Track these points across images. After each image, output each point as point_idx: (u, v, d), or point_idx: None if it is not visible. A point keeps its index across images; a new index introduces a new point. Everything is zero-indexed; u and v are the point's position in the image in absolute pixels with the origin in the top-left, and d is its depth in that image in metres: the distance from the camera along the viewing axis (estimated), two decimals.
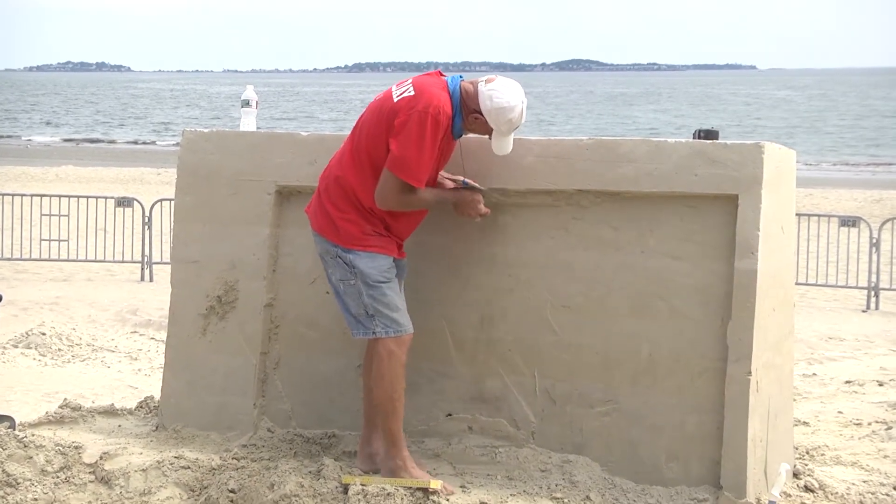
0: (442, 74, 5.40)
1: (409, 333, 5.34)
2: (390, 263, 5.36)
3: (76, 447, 5.73)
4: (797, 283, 11.42)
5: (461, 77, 5.37)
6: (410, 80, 5.32)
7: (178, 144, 6.63)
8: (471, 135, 5.45)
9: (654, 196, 5.43)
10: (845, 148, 52.34)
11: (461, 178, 5.54)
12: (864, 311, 15.03)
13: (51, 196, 18.09)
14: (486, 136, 5.38)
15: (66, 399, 6.98)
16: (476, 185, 5.51)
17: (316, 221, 5.43)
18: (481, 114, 5.26)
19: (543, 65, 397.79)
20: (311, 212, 5.51)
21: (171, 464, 5.56)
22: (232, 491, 5.25)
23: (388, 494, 5.05)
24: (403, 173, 5.18)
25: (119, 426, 6.42)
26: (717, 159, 5.33)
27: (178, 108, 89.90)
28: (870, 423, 7.46)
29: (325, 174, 5.48)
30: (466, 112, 5.29)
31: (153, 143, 54.72)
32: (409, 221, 5.46)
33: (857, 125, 67.02)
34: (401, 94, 5.23)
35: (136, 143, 54.58)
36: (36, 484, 5.45)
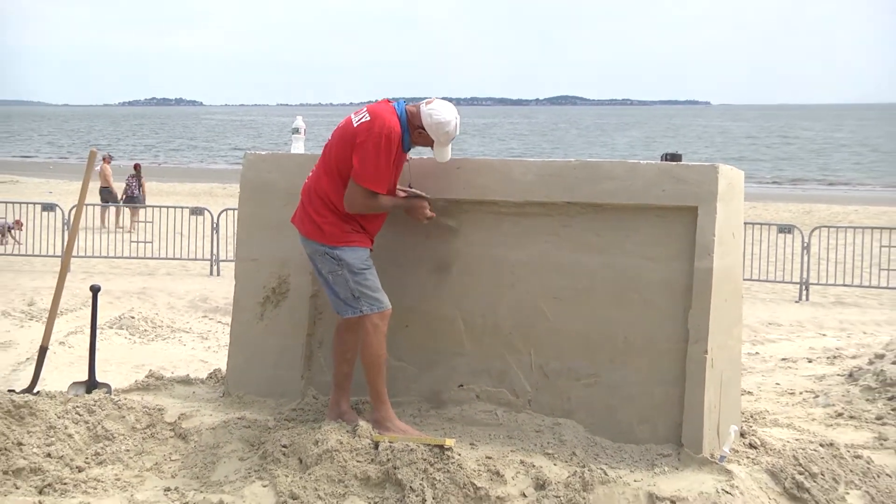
0: (389, 101, 5.49)
1: (389, 309, 5.37)
2: (368, 254, 5.42)
3: (159, 409, 5.74)
4: (744, 279, 11.43)
5: (405, 101, 5.48)
6: (366, 108, 5.42)
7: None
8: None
9: (630, 207, 5.39)
10: (781, 169, 52.19)
11: (408, 187, 5.63)
12: (796, 302, 15.00)
13: (138, 206, 18.12)
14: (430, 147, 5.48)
15: (150, 370, 6.99)
16: (420, 192, 5.59)
17: (304, 228, 5.46)
18: (424, 129, 5.35)
19: (538, 100, 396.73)
20: (297, 221, 5.54)
21: (236, 423, 5.56)
22: (284, 446, 5.23)
23: (412, 450, 5.03)
24: (365, 182, 5.26)
25: (193, 392, 6.42)
26: (680, 178, 5.29)
27: (238, 136, 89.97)
28: (801, 393, 7.44)
29: (305, 189, 5.52)
30: (412, 128, 5.39)
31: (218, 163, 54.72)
32: (377, 222, 5.52)
33: (790, 151, 66.82)
34: (359, 120, 5.34)
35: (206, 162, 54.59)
36: (128, 438, 5.47)
